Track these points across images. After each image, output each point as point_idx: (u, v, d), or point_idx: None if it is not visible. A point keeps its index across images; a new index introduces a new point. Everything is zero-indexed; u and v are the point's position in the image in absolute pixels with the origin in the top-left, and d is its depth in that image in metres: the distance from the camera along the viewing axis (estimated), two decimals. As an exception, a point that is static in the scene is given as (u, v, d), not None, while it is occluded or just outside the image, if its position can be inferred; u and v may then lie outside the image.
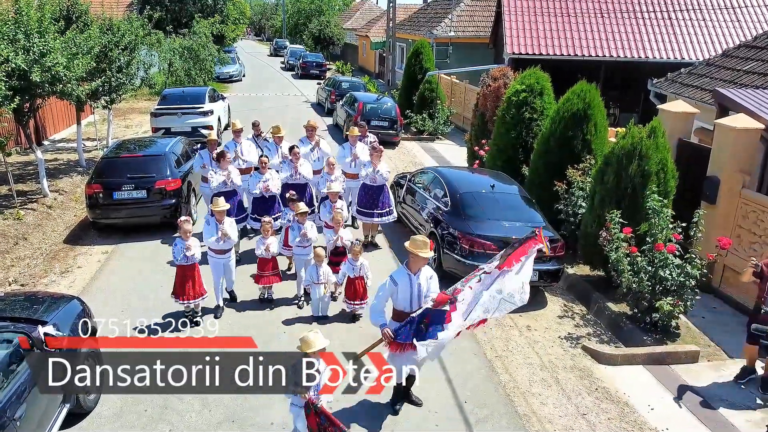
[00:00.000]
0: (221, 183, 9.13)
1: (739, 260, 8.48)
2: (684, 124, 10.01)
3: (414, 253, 5.58)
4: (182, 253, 7.27)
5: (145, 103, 24.52)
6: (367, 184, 9.98)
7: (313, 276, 7.76)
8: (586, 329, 8.02)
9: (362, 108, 18.38)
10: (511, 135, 11.60)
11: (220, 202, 7.71)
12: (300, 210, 8.07)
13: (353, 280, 7.77)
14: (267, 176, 9.30)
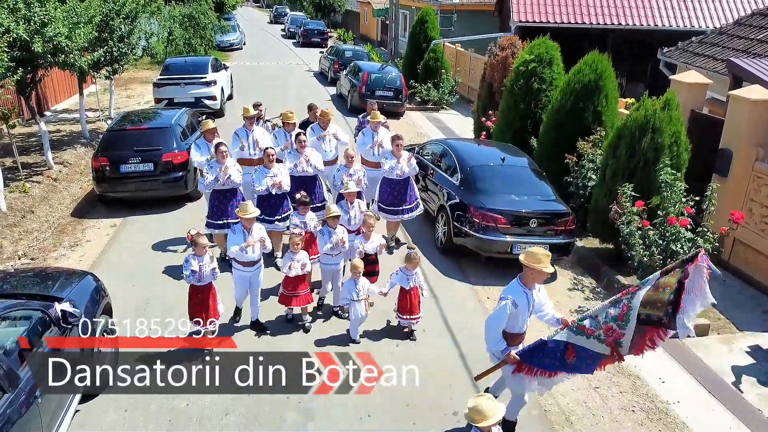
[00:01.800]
0: (213, 181, 7.88)
1: (750, 234, 8.46)
2: (697, 95, 9.87)
3: (536, 268, 4.85)
4: (190, 269, 6.10)
5: (146, 73, 24.23)
6: (390, 178, 8.73)
7: (351, 292, 6.64)
8: (596, 302, 8.03)
9: (367, 78, 18.17)
10: (519, 106, 11.48)
11: (249, 207, 6.58)
12: (332, 213, 6.94)
13: (408, 291, 6.79)
14: (275, 170, 7.98)
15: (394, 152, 8.63)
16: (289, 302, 6.82)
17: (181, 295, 7.55)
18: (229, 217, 7.99)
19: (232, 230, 6.61)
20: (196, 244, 6.10)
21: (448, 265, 8.73)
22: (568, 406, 5.95)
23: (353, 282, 6.62)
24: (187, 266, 6.09)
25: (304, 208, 7.32)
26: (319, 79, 25.21)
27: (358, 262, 6.68)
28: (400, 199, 8.75)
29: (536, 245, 8.28)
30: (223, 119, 16.68)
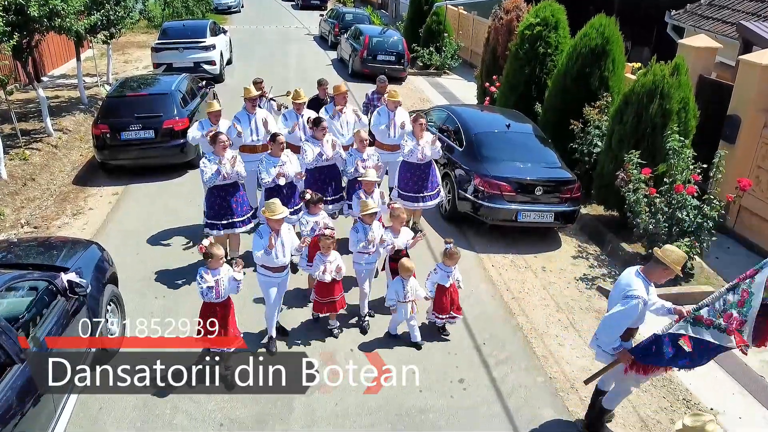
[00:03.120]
0: (214, 174, 6.83)
1: (756, 201, 8.42)
2: (705, 59, 9.70)
3: (675, 269, 4.56)
4: (206, 285, 5.30)
5: (143, 37, 23.83)
6: (410, 162, 7.85)
7: (398, 293, 6.13)
8: (601, 270, 8.05)
9: (368, 42, 17.87)
10: (524, 71, 11.30)
11: (276, 206, 5.69)
12: (369, 209, 6.15)
13: (447, 289, 6.27)
14: (283, 158, 7.08)
15: (416, 133, 7.72)
16: (325, 309, 6.19)
17: (187, 263, 7.60)
18: (235, 215, 7.10)
19: (258, 234, 5.73)
20: (211, 257, 5.27)
21: (452, 233, 8.70)
22: (573, 374, 5.99)
23: (402, 283, 6.08)
24: (201, 281, 5.29)
25: (316, 207, 6.46)
26: (319, 42, 24.80)
27: (408, 263, 6.11)
28: (421, 185, 7.92)
29: (540, 213, 8.30)
30: (223, 84, 16.48)
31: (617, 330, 4.61)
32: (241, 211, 7.15)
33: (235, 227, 7.16)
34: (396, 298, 6.10)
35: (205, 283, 5.25)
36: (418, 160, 7.73)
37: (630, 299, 4.52)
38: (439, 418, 5.32)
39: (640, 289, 4.55)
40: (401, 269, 6.10)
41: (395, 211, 6.35)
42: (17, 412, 4.08)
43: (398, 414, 5.33)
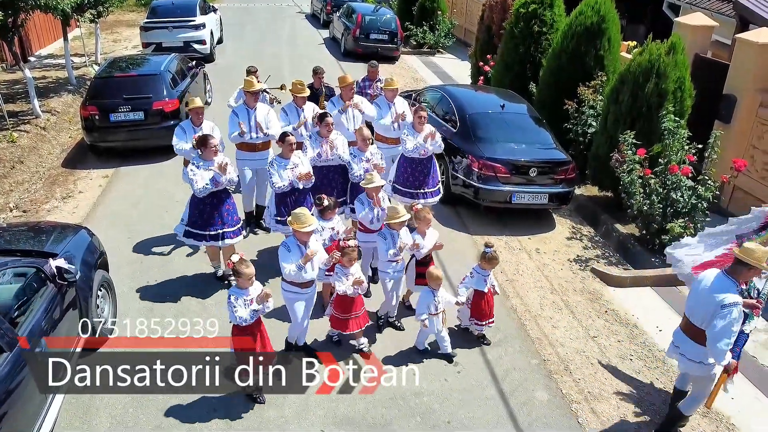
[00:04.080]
0: (210, 182, 6.07)
1: (750, 181, 8.39)
2: (702, 38, 9.59)
3: (758, 265, 4.42)
4: (246, 308, 4.80)
5: (132, 15, 23.47)
6: (411, 157, 7.31)
7: (429, 305, 5.63)
8: (595, 251, 8.04)
9: (361, 20, 17.63)
10: (519, 50, 11.19)
11: (306, 216, 5.15)
12: (399, 217, 5.64)
13: (484, 294, 5.92)
14: (295, 160, 6.45)
15: (416, 127, 7.25)
16: (347, 326, 5.63)
17: (179, 246, 7.52)
18: (225, 224, 6.35)
19: (286, 247, 5.21)
20: (240, 275, 4.80)
21: (447, 215, 8.66)
22: (567, 356, 6.00)
23: (431, 293, 5.63)
24: (232, 306, 4.81)
25: (331, 212, 5.92)
26: (311, 21, 24.47)
27: (437, 271, 5.68)
28: (422, 180, 7.40)
29: (535, 194, 8.26)
30: (213, 64, 16.25)
31: (729, 343, 4.45)
32: (232, 221, 6.41)
33: (226, 238, 6.36)
34: (427, 311, 5.59)
35: (237, 311, 4.77)
36: (420, 155, 7.28)
37: (729, 309, 4.41)
38: (433, 401, 5.32)
39: (733, 295, 4.44)
40: (430, 279, 5.65)
41: (420, 212, 5.93)
42: (3, 402, 4.03)
43: (392, 397, 5.32)
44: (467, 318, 6.05)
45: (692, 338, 4.66)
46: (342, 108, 7.70)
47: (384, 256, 5.78)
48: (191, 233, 6.35)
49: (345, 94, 7.76)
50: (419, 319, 5.64)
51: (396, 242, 5.72)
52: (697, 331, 4.61)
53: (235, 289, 4.87)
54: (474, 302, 5.93)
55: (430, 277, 5.63)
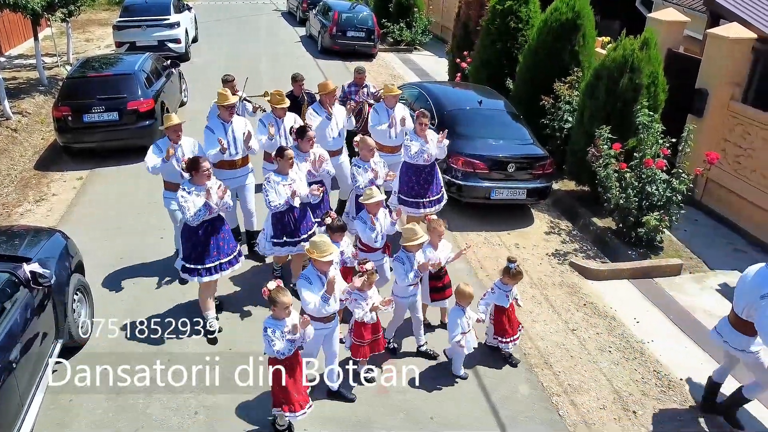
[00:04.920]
0: (202, 209, 5.48)
1: (723, 174, 8.55)
2: (674, 33, 9.74)
3: None
4: (283, 340, 4.46)
5: (105, 14, 23.13)
6: (414, 164, 7.04)
7: (462, 324, 5.36)
8: (573, 245, 8.12)
9: (337, 17, 17.59)
10: (495, 46, 11.24)
11: (326, 245, 4.82)
12: (417, 239, 5.37)
13: (506, 310, 5.68)
14: (292, 175, 6.03)
15: (418, 132, 6.97)
16: (360, 352, 5.28)
17: (155, 247, 7.44)
18: (221, 254, 5.73)
19: (306, 279, 4.83)
20: (276, 304, 4.44)
21: (426, 212, 8.67)
22: (547, 349, 6.06)
23: (462, 311, 5.40)
24: (268, 339, 4.44)
25: (339, 234, 5.53)
26: (287, 18, 24.33)
27: (467, 288, 5.38)
28: (426, 188, 7.11)
29: (513, 189, 8.32)
30: (189, 63, 16.08)
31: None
32: (228, 249, 5.82)
33: (223, 269, 5.79)
34: (460, 331, 5.32)
35: (276, 345, 4.43)
36: (424, 161, 6.99)
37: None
38: (416, 398, 5.34)
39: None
40: (460, 296, 5.37)
41: (432, 223, 5.71)
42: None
43: (375, 396, 5.33)
44: (491, 336, 5.82)
45: (735, 327, 4.81)
46: (328, 113, 7.40)
47: (404, 280, 5.46)
48: (186, 269, 5.73)
49: (326, 102, 7.44)
50: (454, 341, 5.37)
51: (414, 265, 5.45)
52: (739, 320, 4.76)
53: (270, 320, 4.49)
54: (496, 319, 5.70)
55: (462, 295, 5.37)
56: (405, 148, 7.05)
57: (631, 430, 5.15)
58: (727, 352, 5.05)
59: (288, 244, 6.13)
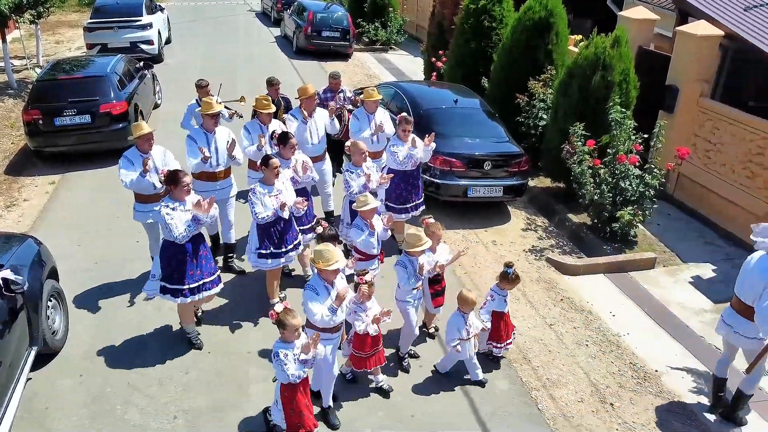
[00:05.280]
0: (190, 225, 5.27)
1: (694, 168, 8.72)
2: (644, 31, 9.90)
3: None
4: (295, 361, 4.30)
5: (75, 16, 22.75)
6: (400, 169, 7.00)
7: (460, 330, 5.31)
8: (549, 241, 8.22)
9: (312, 18, 17.54)
10: (470, 45, 11.30)
11: (332, 253, 4.64)
12: (422, 245, 5.31)
13: (503, 315, 5.69)
14: (279, 186, 5.83)
15: (402, 137, 6.96)
16: (367, 364, 5.17)
17: (131, 251, 7.35)
18: (204, 272, 5.52)
19: (312, 290, 4.65)
20: (285, 327, 4.26)
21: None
22: (525, 344, 6.12)
23: (462, 317, 5.35)
24: (282, 364, 4.26)
25: (331, 244, 5.13)
26: (261, 19, 24.18)
27: (470, 294, 5.34)
28: (411, 192, 7.16)
29: (490, 187, 8.39)
30: (162, 65, 15.90)
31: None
32: (210, 268, 5.62)
33: (206, 290, 5.56)
34: (459, 336, 5.30)
35: (289, 369, 4.24)
36: (412, 166, 7.02)
37: None
38: (396, 396, 5.35)
39: None
40: (462, 302, 5.35)
41: (431, 227, 5.62)
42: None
43: (355, 395, 5.33)
44: (485, 341, 5.73)
45: (743, 316, 4.87)
46: (304, 117, 7.30)
47: (407, 285, 5.40)
48: (167, 289, 5.43)
49: (306, 106, 7.33)
50: (451, 345, 5.33)
51: (416, 268, 5.39)
52: (747, 308, 4.82)
53: (280, 344, 4.31)
54: (493, 324, 5.65)
55: (465, 301, 5.32)
56: (391, 154, 6.99)
57: (608, 421, 5.23)
58: (729, 342, 5.11)
59: (275, 256, 5.95)
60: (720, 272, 7.46)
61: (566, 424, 5.19)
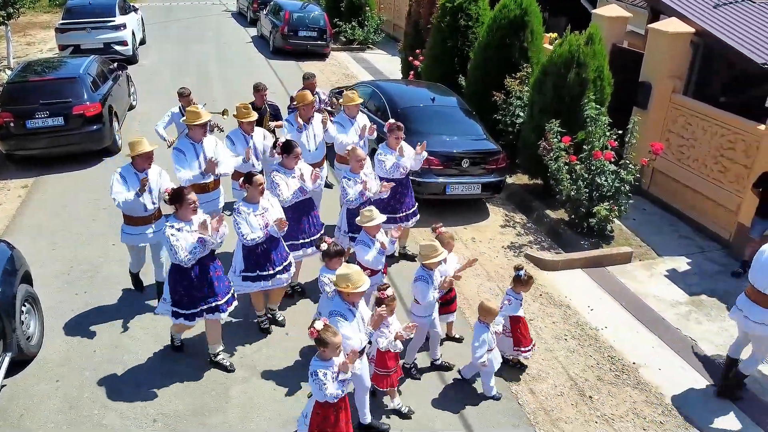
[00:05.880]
0: (196, 247, 4.94)
1: (667, 163, 8.86)
2: (617, 29, 10.05)
3: None
4: (334, 380, 4.07)
5: (46, 17, 22.37)
6: (389, 177, 6.73)
7: (489, 340, 5.21)
8: (528, 237, 8.29)
9: (289, 17, 17.47)
10: (446, 44, 11.36)
11: (359, 275, 4.47)
12: (438, 255, 5.09)
13: (520, 318, 5.64)
14: (264, 203, 5.51)
15: (392, 145, 6.78)
16: (387, 383, 5.02)
17: (106, 254, 7.25)
18: (218, 294, 5.23)
19: (341, 316, 4.42)
20: (327, 345, 4.01)
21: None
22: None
23: (486, 328, 5.21)
24: (320, 383, 4.02)
25: (336, 260, 5.05)
26: (237, 19, 24.01)
27: (491, 304, 5.23)
28: (401, 201, 6.95)
29: (468, 185, 8.44)
30: (137, 66, 15.71)
31: None
32: (223, 287, 5.31)
33: (220, 311, 5.27)
34: (486, 348, 5.16)
35: (327, 390, 4.01)
36: (400, 174, 6.84)
37: None
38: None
39: None
40: (486, 312, 5.19)
41: (443, 236, 5.53)
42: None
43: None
44: (510, 348, 5.64)
45: (756, 302, 5.12)
46: (299, 125, 7.05)
47: (426, 299, 5.20)
48: (179, 314, 5.17)
49: (304, 113, 7.08)
50: (480, 361, 5.17)
51: (434, 282, 5.22)
52: (760, 296, 5.08)
53: (319, 363, 4.06)
54: (512, 329, 5.56)
55: (488, 312, 5.19)
56: (378, 162, 6.77)
57: (587, 414, 5.30)
58: (743, 327, 5.33)
59: (261, 279, 5.58)
60: (694, 265, 7.60)
61: (546, 417, 5.24)
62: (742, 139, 7.72)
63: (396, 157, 6.77)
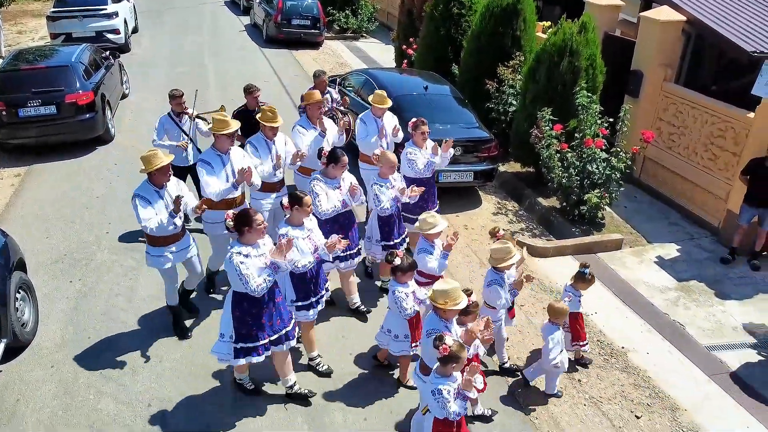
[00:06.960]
0: (270, 270, 4.51)
1: (658, 151, 8.93)
2: (610, 17, 10.07)
3: None
4: (457, 397, 3.91)
5: (37, 5, 22.14)
6: (419, 178, 6.44)
7: (562, 341, 5.19)
8: (520, 225, 8.35)
9: (282, 5, 17.39)
10: (440, 32, 11.35)
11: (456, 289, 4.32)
12: (512, 257, 5.00)
13: (578, 314, 5.61)
14: (309, 225, 5.06)
15: (417, 142, 6.50)
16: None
17: (99, 242, 7.28)
18: (284, 321, 4.78)
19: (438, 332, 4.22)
20: (457, 361, 3.85)
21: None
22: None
23: (556, 328, 5.12)
24: (445, 401, 3.82)
25: (410, 274, 4.86)
26: (230, 7, 23.86)
27: (561, 304, 5.11)
28: (427, 200, 6.60)
29: (461, 172, 8.48)
30: (129, 54, 15.63)
31: None
32: (287, 313, 4.87)
33: (290, 338, 4.84)
34: (561, 349, 5.10)
35: (451, 408, 3.82)
36: (429, 174, 6.56)
37: None
38: (356, 387, 5.43)
39: None
40: (557, 313, 5.08)
41: (507, 239, 5.39)
42: None
43: (320, 380, 5.40)
44: (569, 343, 5.59)
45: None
46: (322, 130, 6.60)
47: (500, 303, 5.14)
48: (245, 350, 4.62)
49: (312, 113, 6.62)
50: (553, 363, 5.08)
51: (506, 285, 5.09)
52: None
53: (441, 380, 3.86)
54: (572, 325, 5.55)
55: (559, 312, 5.10)
56: (409, 162, 6.44)
57: (576, 397, 5.39)
58: None
59: (313, 306, 5.16)
60: (684, 252, 7.68)
61: (535, 400, 5.32)
62: (731, 127, 7.78)
63: (429, 155, 6.46)
